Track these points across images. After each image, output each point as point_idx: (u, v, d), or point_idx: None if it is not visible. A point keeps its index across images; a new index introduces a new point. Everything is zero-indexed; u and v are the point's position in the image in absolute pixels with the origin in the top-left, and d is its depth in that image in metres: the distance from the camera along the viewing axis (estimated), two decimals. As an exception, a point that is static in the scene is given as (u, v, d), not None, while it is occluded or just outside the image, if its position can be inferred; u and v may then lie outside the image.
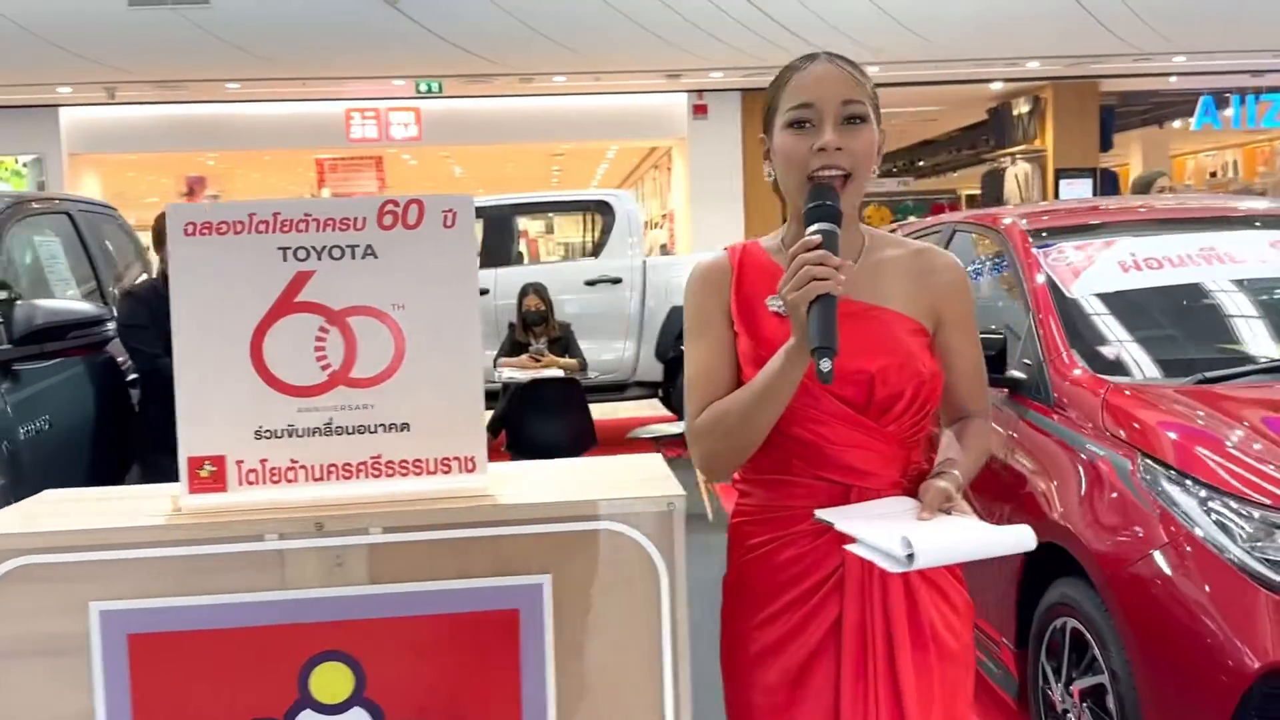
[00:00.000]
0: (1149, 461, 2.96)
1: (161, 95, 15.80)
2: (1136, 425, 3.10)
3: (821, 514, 1.75)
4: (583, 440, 6.41)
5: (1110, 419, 3.19)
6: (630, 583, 1.80)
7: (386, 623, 1.78)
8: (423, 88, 15.78)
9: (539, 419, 6.31)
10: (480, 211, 9.30)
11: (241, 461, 1.88)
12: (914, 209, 21.29)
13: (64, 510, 1.97)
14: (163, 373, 4.48)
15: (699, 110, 16.72)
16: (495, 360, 7.17)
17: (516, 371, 6.86)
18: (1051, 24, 12.92)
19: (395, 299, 1.91)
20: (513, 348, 7.32)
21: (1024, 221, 4.15)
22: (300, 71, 14.71)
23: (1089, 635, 3.00)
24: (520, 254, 9.68)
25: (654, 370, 8.90)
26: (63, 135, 16.75)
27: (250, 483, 1.88)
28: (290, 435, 1.89)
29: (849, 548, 1.65)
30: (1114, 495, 3.02)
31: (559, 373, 6.85)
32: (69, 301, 4.01)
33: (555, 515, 1.81)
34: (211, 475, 1.88)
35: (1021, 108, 17.89)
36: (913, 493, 1.78)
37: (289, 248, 1.89)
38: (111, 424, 4.31)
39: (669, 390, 8.90)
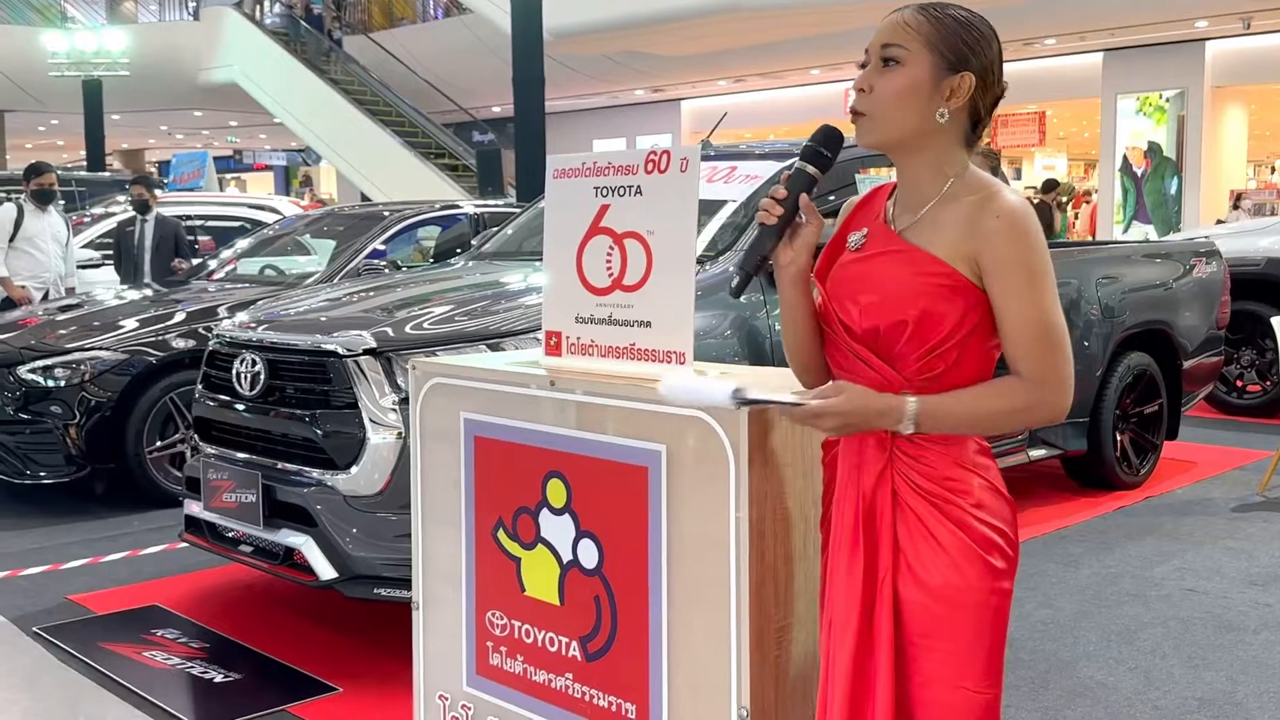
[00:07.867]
0: None
1: (1300, 21, 15.29)
2: None
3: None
4: None
5: None
6: (714, 459, 2.22)
7: (583, 459, 2.47)
8: None
9: None
10: None
11: (567, 336, 2.69)
12: None
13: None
14: None
15: None
16: None
17: None
18: None
19: (649, 227, 2.52)
20: None
21: None
22: None
23: None
24: None
25: None
26: (1206, 68, 17.09)
27: (572, 353, 2.69)
28: (591, 322, 2.64)
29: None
30: None
31: None
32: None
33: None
34: (554, 345, 2.73)
35: None
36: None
37: (599, 187, 2.62)
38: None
39: None
